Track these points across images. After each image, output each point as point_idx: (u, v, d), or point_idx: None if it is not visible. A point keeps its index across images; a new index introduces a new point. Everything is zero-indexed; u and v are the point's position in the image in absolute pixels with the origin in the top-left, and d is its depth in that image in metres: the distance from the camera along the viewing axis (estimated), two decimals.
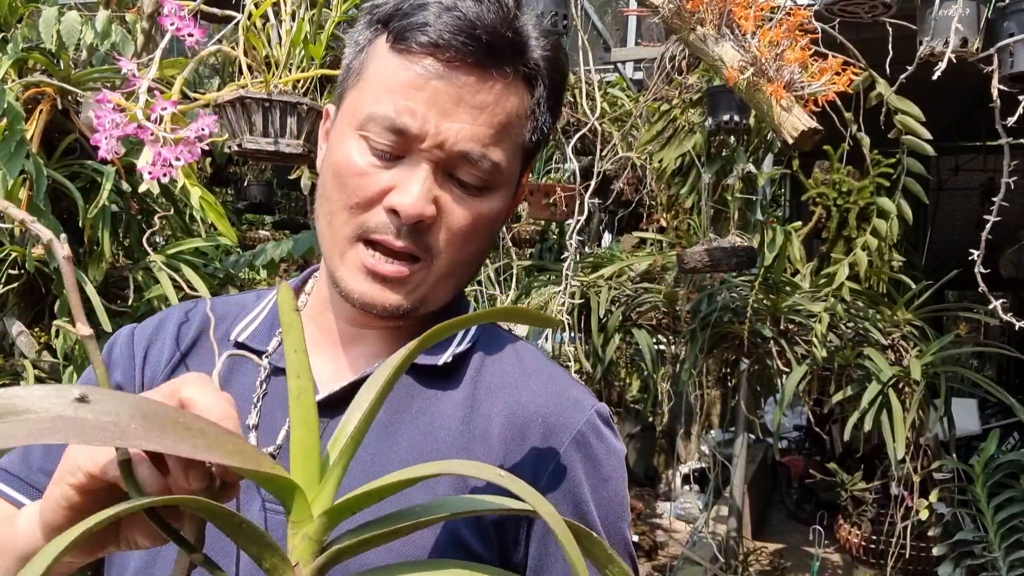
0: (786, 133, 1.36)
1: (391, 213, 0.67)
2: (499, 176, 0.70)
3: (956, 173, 6.18)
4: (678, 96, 2.60)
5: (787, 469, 5.62)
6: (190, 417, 0.36)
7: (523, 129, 0.71)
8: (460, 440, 0.70)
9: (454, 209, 0.69)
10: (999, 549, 2.64)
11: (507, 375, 0.75)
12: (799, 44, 1.42)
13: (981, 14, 1.79)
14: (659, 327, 3.02)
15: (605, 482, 0.71)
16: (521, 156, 0.73)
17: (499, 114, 0.68)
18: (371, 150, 0.68)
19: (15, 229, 1.66)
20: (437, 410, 0.72)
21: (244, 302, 0.82)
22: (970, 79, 1.83)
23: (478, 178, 0.69)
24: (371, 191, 0.68)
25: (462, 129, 0.66)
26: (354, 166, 0.68)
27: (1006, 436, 5.07)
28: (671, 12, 1.47)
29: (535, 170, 3.36)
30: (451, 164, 0.68)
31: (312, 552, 0.39)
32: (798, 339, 2.77)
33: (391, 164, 0.68)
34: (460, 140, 0.66)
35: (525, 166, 0.76)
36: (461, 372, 0.74)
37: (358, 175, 0.68)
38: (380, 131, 0.67)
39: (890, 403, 2.52)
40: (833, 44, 1.89)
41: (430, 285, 0.71)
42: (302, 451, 0.41)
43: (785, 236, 2.83)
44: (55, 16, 1.71)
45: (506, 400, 0.72)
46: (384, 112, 0.66)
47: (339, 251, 0.70)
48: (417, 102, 0.66)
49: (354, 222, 0.69)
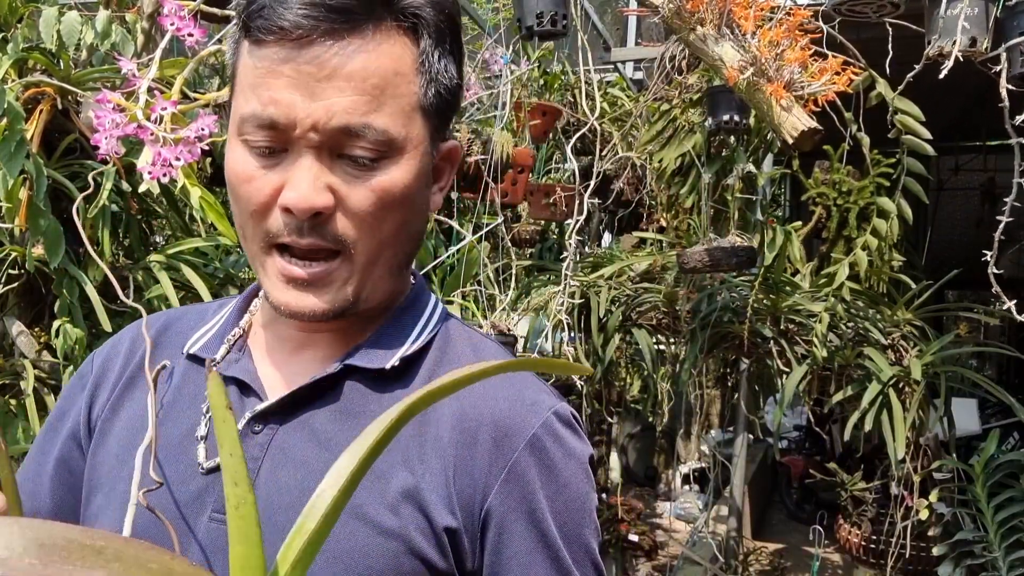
0: (786, 133, 1.36)
1: (286, 212, 0.64)
2: (393, 143, 0.64)
3: (956, 173, 6.18)
4: (678, 96, 2.60)
5: (787, 469, 5.62)
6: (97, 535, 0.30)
7: (411, 86, 0.65)
8: (413, 446, 0.66)
9: (352, 191, 0.64)
10: (999, 549, 2.64)
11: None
12: (799, 44, 1.42)
13: (990, 13, 1.78)
14: (659, 327, 3.02)
15: (563, 488, 0.67)
16: (421, 116, 0.67)
17: (371, 78, 0.63)
18: (252, 152, 0.65)
19: (15, 229, 1.66)
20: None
21: (205, 312, 0.80)
22: (971, 79, 1.83)
23: (369, 150, 0.64)
24: (263, 195, 0.64)
25: (332, 104, 0.62)
26: (241, 173, 0.65)
27: (1006, 436, 5.07)
28: (671, 12, 1.47)
29: (535, 170, 3.36)
30: (334, 143, 0.63)
31: None
32: (798, 339, 2.77)
33: (276, 161, 0.64)
34: (334, 116, 0.62)
35: (439, 126, 0.70)
36: (413, 375, 0.71)
37: (247, 181, 0.65)
38: (254, 130, 0.64)
39: (890, 403, 2.51)
40: (833, 44, 1.89)
41: (358, 277, 0.67)
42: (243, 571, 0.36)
43: (785, 236, 2.83)
44: (55, 16, 1.71)
45: (459, 403, 0.67)
46: (252, 110, 0.63)
47: (259, 263, 0.68)
48: (279, 90, 0.62)
49: (259, 231, 0.66)
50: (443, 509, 0.64)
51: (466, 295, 2.30)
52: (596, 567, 0.69)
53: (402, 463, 0.66)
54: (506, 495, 0.65)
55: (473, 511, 0.65)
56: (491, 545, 0.65)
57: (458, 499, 0.65)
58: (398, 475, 0.65)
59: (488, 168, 2.24)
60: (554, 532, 0.66)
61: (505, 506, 0.65)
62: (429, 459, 0.66)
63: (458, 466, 0.66)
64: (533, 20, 2.01)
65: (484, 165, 2.25)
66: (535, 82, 3.28)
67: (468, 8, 2.78)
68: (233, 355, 0.74)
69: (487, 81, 3.00)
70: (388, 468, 0.66)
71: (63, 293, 1.67)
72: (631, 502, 4.09)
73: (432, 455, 0.66)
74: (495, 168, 2.25)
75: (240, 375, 0.71)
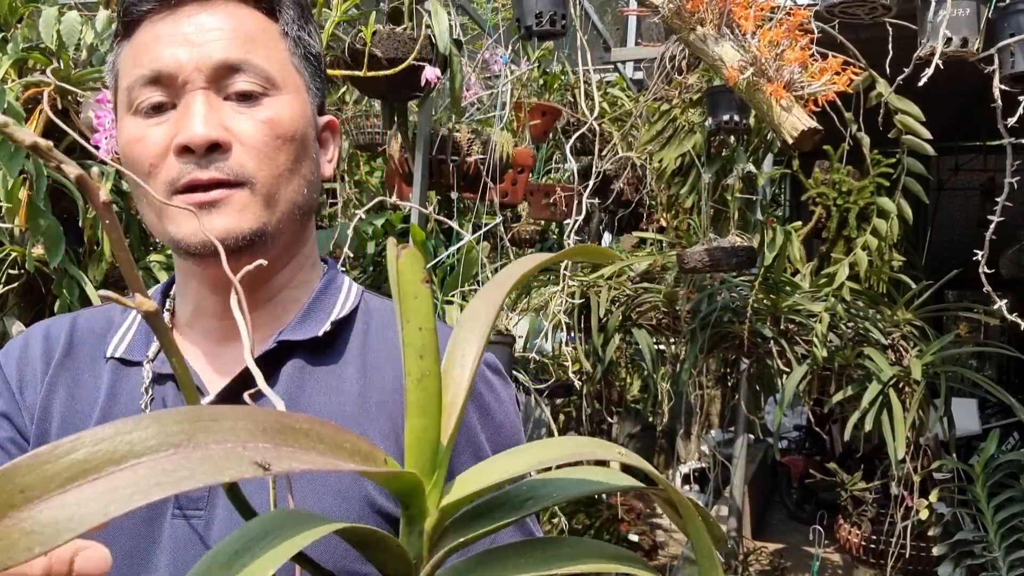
0: (786, 133, 1.36)
1: (184, 153, 0.66)
2: (273, 81, 0.69)
3: (956, 173, 6.18)
4: (678, 96, 2.60)
5: (787, 469, 5.62)
6: (301, 419, 0.32)
7: (280, 43, 0.71)
8: (360, 414, 0.70)
9: (245, 124, 0.68)
10: (999, 549, 2.64)
11: (394, 338, 0.75)
12: (799, 44, 1.42)
13: (981, 14, 1.79)
14: (659, 327, 3.02)
15: (499, 428, 0.74)
16: (295, 71, 0.72)
17: (243, 27, 0.68)
18: (140, 115, 0.68)
19: (15, 229, 1.66)
20: (331, 387, 0.72)
21: (110, 315, 0.80)
22: (969, 79, 1.83)
23: (253, 83, 0.68)
24: (157, 145, 0.67)
25: (212, 43, 0.67)
26: (134, 138, 0.68)
27: (1006, 436, 5.07)
28: (671, 12, 1.47)
29: (535, 170, 3.36)
30: (220, 79, 0.67)
31: (428, 549, 0.36)
32: (798, 339, 2.77)
33: (165, 118, 0.67)
34: (215, 52, 0.67)
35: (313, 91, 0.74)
36: (346, 341, 0.75)
37: (139, 141, 0.67)
38: (141, 89, 0.67)
39: (890, 403, 2.52)
40: (833, 44, 1.89)
41: (263, 207, 0.69)
42: (419, 441, 0.37)
43: (785, 236, 2.83)
44: (55, 16, 1.71)
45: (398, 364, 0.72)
46: (137, 74, 0.67)
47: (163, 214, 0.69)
48: (161, 50, 0.67)
49: (159, 185, 0.67)
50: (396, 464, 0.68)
51: (466, 295, 2.29)
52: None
53: (352, 420, 0.70)
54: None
55: None
56: None
57: None
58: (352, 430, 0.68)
59: (488, 168, 2.24)
60: None
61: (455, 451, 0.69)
62: (379, 417, 0.71)
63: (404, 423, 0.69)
64: (532, 20, 2.01)
65: (484, 165, 2.25)
66: (535, 82, 3.28)
67: (468, 8, 2.78)
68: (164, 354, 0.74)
69: (487, 81, 3.00)
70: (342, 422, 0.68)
71: (63, 293, 1.67)
72: (631, 502, 4.09)
73: (381, 412, 0.71)
74: (495, 168, 2.25)
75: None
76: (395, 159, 2.44)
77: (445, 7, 1.98)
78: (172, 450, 0.27)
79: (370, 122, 2.84)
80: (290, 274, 0.76)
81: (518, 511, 0.36)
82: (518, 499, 0.36)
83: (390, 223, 2.91)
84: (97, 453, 0.26)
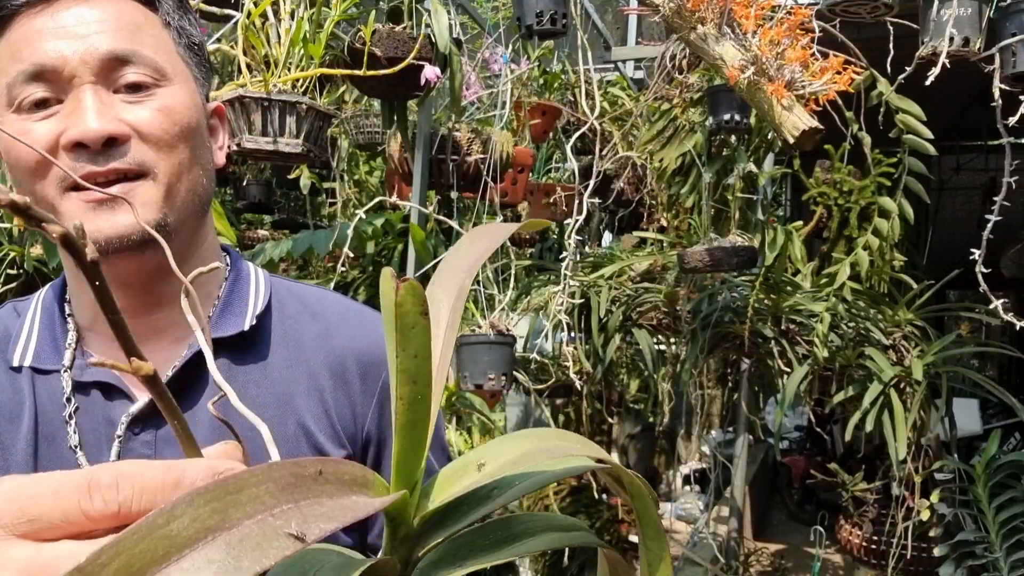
0: (787, 132, 1.35)
1: (76, 149, 0.62)
2: (163, 71, 0.67)
3: (958, 172, 6.17)
4: (679, 95, 2.59)
5: (788, 469, 5.62)
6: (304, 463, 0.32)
7: (163, 33, 0.69)
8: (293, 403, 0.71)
9: (142, 113, 0.65)
10: (1000, 550, 2.64)
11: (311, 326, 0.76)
12: (800, 43, 1.41)
13: (983, 14, 1.79)
14: (659, 327, 3.02)
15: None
16: (181, 60, 0.70)
17: (123, 18, 0.66)
18: (24, 111, 0.64)
19: (13, 229, 1.66)
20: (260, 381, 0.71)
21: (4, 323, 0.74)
22: (971, 78, 1.83)
23: (144, 74, 0.65)
24: (43, 140, 0.63)
25: (97, 35, 0.64)
26: (18, 133, 0.64)
27: (1007, 436, 5.06)
28: (672, 11, 1.46)
29: (535, 169, 3.35)
30: (108, 73, 0.64)
31: (410, 551, 0.39)
32: (799, 339, 2.76)
33: (51, 112, 0.64)
34: (101, 44, 0.64)
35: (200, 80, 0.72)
36: (267, 332, 0.74)
37: (24, 134, 0.63)
38: (23, 85, 0.63)
39: (891, 403, 2.51)
40: (834, 43, 1.89)
41: (163, 198, 0.66)
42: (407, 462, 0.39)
43: (786, 236, 2.83)
44: None
45: (322, 351, 0.75)
46: (17, 70, 0.63)
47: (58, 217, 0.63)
48: (42, 44, 0.63)
49: (48, 182, 0.64)
50: (333, 443, 0.73)
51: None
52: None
53: (289, 408, 0.71)
54: (378, 418, 0.76)
55: (356, 439, 0.75)
56: (371, 462, 0.75)
57: (343, 431, 0.74)
58: (288, 421, 0.71)
59: (488, 168, 2.24)
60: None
61: (378, 427, 0.76)
62: (310, 402, 0.72)
63: (336, 403, 0.74)
64: (533, 19, 2.00)
65: (484, 165, 2.24)
66: (535, 81, 3.28)
67: (468, 7, 2.78)
68: (80, 360, 0.70)
69: (487, 80, 2.99)
70: (276, 416, 0.70)
71: None
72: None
73: (312, 398, 0.73)
74: (495, 168, 2.24)
75: (102, 378, 0.68)
76: (395, 159, 2.44)
77: (445, 6, 1.97)
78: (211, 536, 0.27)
79: (370, 121, 2.84)
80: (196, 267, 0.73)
81: (488, 502, 0.39)
82: (484, 490, 0.39)
83: (390, 223, 2.91)
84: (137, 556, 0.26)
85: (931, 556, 2.97)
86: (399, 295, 0.35)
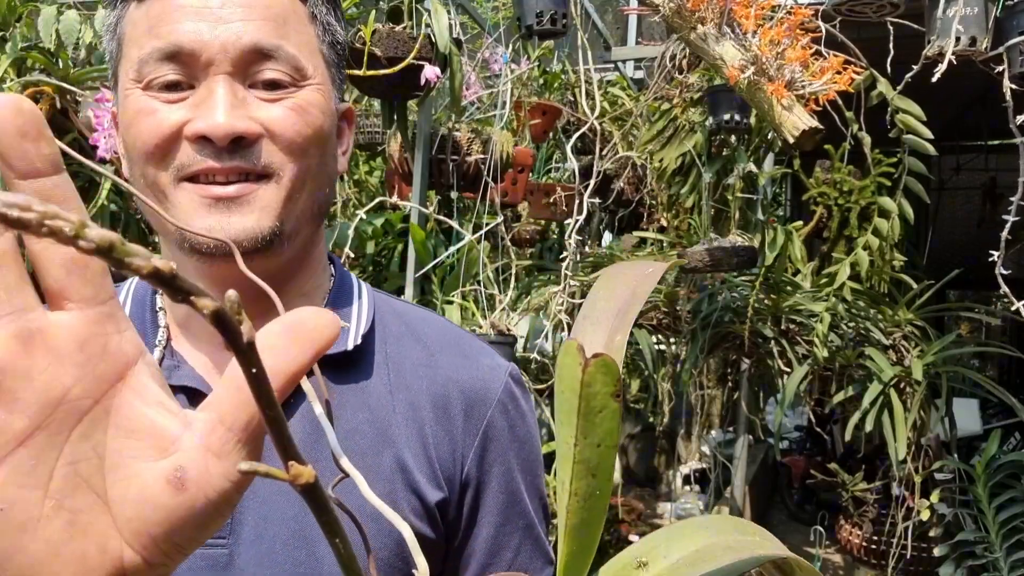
0: (787, 132, 1.35)
1: (200, 141, 0.59)
2: (303, 72, 0.62)
3: (958, 172, 6.17)
4: (679, 95, 2.59)
5: (788, 469, 5.61)
6: None
7: (309, 29, 0.65)
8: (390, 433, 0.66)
9: (272, 114, 0.61)
10: (1000, 549, 2.64)
11: (414, 351, 0.70)
12: (800, 43, 1.41)
13: (989, 13, 1.78)
14: (659, 327, 3.02)
15: (524, 444, 0.72)
16: (322, 60, 0.65)
17: (272, 7, 0.61)
18: (153, 89, 0.60)
19: None
20: (358, 405, 0.66)
21: None
22: (972, 79, 1.83)
23: (283, 72, 0.61)
24: (168, 125, 0.59)
25: (240, 26, 0.59)
26: (143, 110, 0.60)
27: (1007, 436, 5.06)
28: (672, 11, 1.46)
29: (535, 169, 3.35)
30: (247, 66, 0.60)
31: None
32: (799, 339, 2.77)
33: (181, 96, 0.60)
34: (243, 35, 0.59)
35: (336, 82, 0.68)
36: (370, 353, 0.69)
37: (150, 115, 0.59)
38: (156, 64, 0.59)
39: (891, 403, 2.51)
40: (834, 43, 1.89)
41: (283, 205, 0.61)
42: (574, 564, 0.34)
43: (786, 236, 2.83)
44: (54, 15, 1.70)
45: (425, 379, 0.69)
46: (152, 46, 0.59)
47: (168, 206, 0.60)
48: (181, 22, 0.59)
49: (165, 169, 0.60)
50: (431, 484, 0.66)
51: (466, 295, 2.29)
52: (546, 510, 0.76)
53: (386, 438, 0.65)
54: (481, 459, 0.69)
55: (454, 480, 0.68)
56: (468, 507, 0.68)
57: (441, 471, 0.67)
58: (385, 454, 0.65)
59: (488, 168, 2.24)
60: (521, 488, 0.71)
61: (480, 470, 0.69)
62: (409, 435, 0.66)
63: (436, 440, 0.67)
64: (533, 19, 2.00)
65: (484, 165, 2.24)
66: (535, 81, 3.28)
67: (468, 7, 2.78)
68: (168, 361, 0.65)
69: (487, 80, 2.99)
70: (372, 446, 0.65)
71: None
72: (631, 503, 4.09)
73: (411, 431, 0.66)
74: (495, 168, 2.24)
75: (189, 383, 0.64)
76: (395, 158, 2.44)
77: (445, 6, 1.97)
78: None
79: (370, 121, 2.84)
80: (304, 278, 0.69)
81: None
82: None
83: (390, 223, 2.91)
84: None
85: (931, 556, 2.97)
86: (587, 373, 0.30)
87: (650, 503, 5.53)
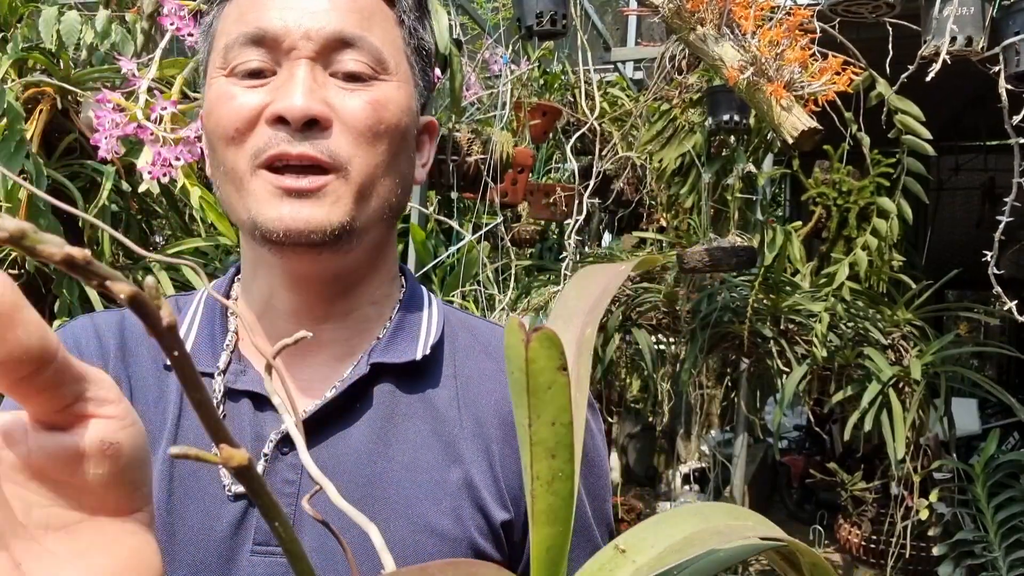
0: (786, 133, 1.36)
1: (277, 123, 0.59)
2: (385, 64, 0.63)
3: (956, 173, 6.18)
4: (678, 96, 2.60)
5: (787, 469, 5.62)
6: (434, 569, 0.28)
7: (396, 30, 0.65)
8: (455, 447, 0.64)
9: (350, 102, 0.61)
10: (999, 549, 2.64)
11: (483, 364, 0.69)
12: (799, 44, 1.42)
13: (986, 13, 1.79)
14: (659, 327, 3.02)
15: (591, 467, 0.69)
16: (405, 62, 0.66)
17: (359, 2, 0.63)
18: (236, 75, 0.61)
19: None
20: (424, 416, 0.65)
21: None
22: (970, 78, 1.83)
23: (363, 63, 0.62)
24: (249, 112, 0.60)
25: (325, 14, 0.61)
26: (224, 95, 0.61)
27: (1006, 436, 5.07)
28: (671, 12, 1.47)
29: (535, 170, 3.36)
30: (329, 53, 0.61)
31: None
32: (798, 339, 2.77)
33: (263, 82, 0.61)
34: (328, 23, 0.60)
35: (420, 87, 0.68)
36: (438, 365, 0.68)
37: (231, 99, 0.61)
38: (241, 51, 0.61)
39: (890, 403, 2.51)
40: (833, 44, 1.89)
41: (354, 199, 0.61)
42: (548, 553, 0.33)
43: (785, 236, 2.83)
44: (55, 16, 1.70)
45: (493, 394, 0.67)
46: (239, 31, 0.61)
47: (242, 189, 0.61)
48: (268, 9, 0.61)
49: (243, 153, 0.61)
50: (496, 504, 0.64)
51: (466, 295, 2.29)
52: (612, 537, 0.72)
53: (453, 453, 0.64)
54: None
55: (520, 502, 0.65)
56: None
57: (507, 491, 0.65)
58: (452, 469, 0.64)
59: (488, 168, 2.24)
60: (588, 513, 0.68)
61: None
62: (476, 452, 0.65)
63: (503, 458, 0.65)
64: (533, 20, 2.01)
65: (484, 165, 2.25)
66: (535, 82, 3.28)
67: (468, 8, 2.78)
68: (235, 365, 0.65)
69: (487, 81, 3.00)
70: (438, 461, 0.63)
71: (63, 293, 1.67)
72: (631, 502, 4.09)
73: (477, 447, 0.65)
74: (495, 168, 2.25)
75: (254, 388, 0.64)
76: None
77: (445, 7, 1.97)
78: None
79: None
80: (375, 285, 0.68)
81: None
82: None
83: None
84: None
85: (930, 555, 2.98)
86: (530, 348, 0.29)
87: (649, 503, 5.54)
